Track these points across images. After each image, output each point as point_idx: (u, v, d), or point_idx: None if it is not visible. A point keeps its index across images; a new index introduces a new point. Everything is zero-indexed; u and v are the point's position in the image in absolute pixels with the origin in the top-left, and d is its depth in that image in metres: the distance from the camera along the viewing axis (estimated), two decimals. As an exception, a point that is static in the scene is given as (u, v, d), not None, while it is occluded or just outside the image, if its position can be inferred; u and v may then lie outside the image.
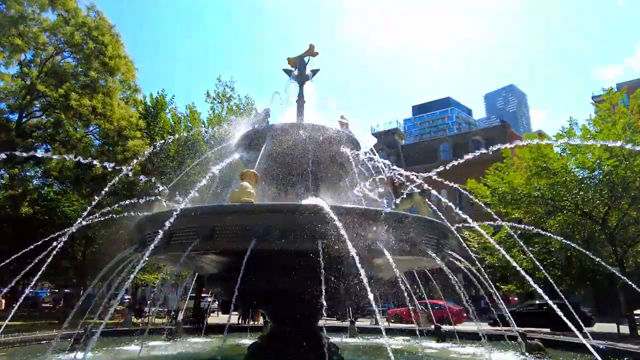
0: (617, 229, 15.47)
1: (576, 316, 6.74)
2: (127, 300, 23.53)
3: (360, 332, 11.23)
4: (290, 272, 5.10)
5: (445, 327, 10.47)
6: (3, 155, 4.49)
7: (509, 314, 8.84)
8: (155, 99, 19.50)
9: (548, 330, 16.99)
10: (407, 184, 5.88)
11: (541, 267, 11.28)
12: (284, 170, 6.44)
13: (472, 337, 9.73)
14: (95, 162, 6.17)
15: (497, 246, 16.52)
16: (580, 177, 14.58)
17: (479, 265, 8.11)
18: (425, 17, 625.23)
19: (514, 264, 13.28)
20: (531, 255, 14.68)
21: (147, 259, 4.99)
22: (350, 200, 7.12)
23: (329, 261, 4.61)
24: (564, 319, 10.17)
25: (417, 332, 10.09)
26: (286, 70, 8.00)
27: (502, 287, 20.51)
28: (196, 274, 12.10)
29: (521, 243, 15.13)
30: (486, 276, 6.80)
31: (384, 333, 5.69)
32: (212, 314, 25.78)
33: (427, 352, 8.09)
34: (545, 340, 8.39)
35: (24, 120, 16.30)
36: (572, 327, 5.60)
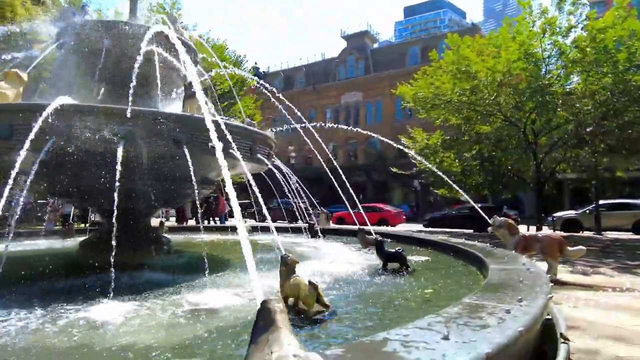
0: (540, 135, 15.66)
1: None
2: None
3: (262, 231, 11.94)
4: (85, 170, 5.28)
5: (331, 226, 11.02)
6: None
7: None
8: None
9: (471, 231, 18.22)
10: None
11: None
12: (91, 70, 6.28)
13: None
14: None
15: (417, 157, 16.86)
16: (498, 80, 14.33)
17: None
18: None
19: (434, 169, 13.40)
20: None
21: None
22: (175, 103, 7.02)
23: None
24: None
25: (303, 230, 10.75)
26: (119, -38, 7.38)
27: (435, 191, 21.39)
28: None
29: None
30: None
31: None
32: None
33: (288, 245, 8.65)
34: (396, 236, 9.17)
35: None
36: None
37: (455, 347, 2.18)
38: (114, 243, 4.19)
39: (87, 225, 11.12)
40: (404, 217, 24.91)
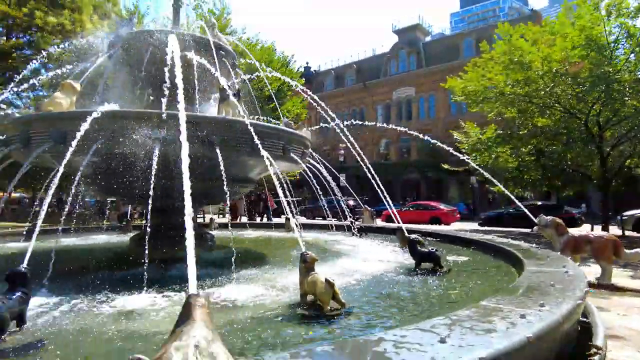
0: (605, 127, 14.39)
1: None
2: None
3: (306, 228, 12.14)
4: (128, 171, 5.71)
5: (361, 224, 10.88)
6: None
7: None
8: (130, 11, 19.48)
9: (528, 230, 17.17)
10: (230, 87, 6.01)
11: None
12: (138, 77, 6.73)
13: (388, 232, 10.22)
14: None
15: (459, 154, 16.15)
16: (554, 70, 13.29)
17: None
18: None
19: (476, 166, 12.83)
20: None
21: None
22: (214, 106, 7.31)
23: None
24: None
25: (346, 228, 10.75)
26: (164, -27, 7.82)
27: (492, 188, 20.34)
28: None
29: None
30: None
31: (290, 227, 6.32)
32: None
33: (323, 243, 8.73)
34: (432, 234, 8.91)
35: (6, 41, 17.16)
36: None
37: (448, 350, 2.12)
38: (146, 239, 4.47)
39: (144, 221, 11.93)
40: (458, 215, 24.07)
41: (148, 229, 4.97)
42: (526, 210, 7.13)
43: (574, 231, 7.83)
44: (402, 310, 3.64)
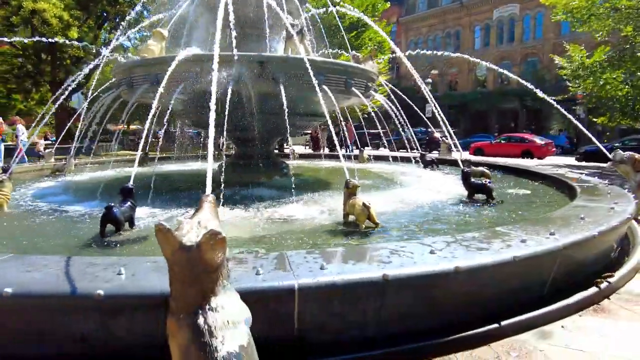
0: None
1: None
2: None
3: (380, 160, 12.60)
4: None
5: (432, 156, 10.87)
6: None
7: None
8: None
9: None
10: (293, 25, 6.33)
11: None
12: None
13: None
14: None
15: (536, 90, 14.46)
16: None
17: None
18: None
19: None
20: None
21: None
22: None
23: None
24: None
25: (412, 160, 10.95)
26: None
27: (594, 119, 18.20)
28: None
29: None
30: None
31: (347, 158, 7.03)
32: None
33: (388, 174, 9.14)
34: (504, 167, 8.74)
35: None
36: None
37: (433, 259, 2.59)
38: (223, 168, 5.32)
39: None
40: (553, 149, 22.19)
41: (224, 158, 5.86)
42: (601, 146, 6.70)
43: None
44: (430, 232, 4.09)
